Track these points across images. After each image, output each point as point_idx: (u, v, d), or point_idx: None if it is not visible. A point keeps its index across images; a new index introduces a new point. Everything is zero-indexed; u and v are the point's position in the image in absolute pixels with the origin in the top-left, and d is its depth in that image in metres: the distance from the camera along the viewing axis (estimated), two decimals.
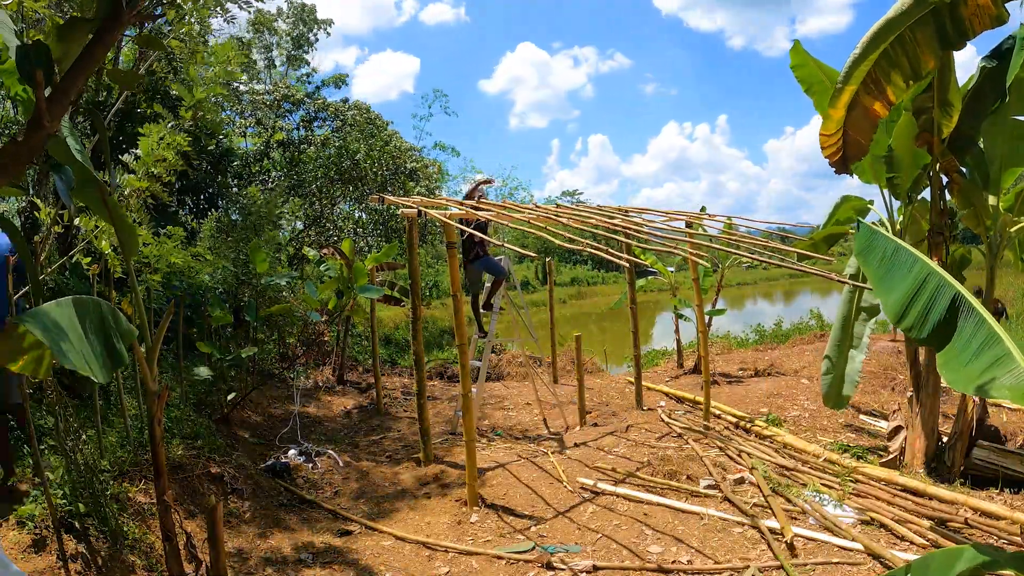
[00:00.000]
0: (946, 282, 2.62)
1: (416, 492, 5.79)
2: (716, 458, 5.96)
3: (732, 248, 6.02)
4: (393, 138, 15.86)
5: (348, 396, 9.61)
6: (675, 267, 11.70)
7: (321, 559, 4.54)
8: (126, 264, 3.10)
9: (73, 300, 2.40)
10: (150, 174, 4.17)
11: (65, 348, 2.11)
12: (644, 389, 8.44)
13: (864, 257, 3.01)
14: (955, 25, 4.23)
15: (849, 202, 6.41)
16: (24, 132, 2.12)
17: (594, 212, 6.65)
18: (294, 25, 18.36)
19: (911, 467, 5.44)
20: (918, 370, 5.58)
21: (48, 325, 2.12)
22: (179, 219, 9.74)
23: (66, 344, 2.13)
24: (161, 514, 3.13)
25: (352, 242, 8.79)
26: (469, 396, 5.30)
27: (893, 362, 9.44)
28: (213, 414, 6.40)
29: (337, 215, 14.59)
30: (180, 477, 4.85)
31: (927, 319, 2.64)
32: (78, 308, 2.37)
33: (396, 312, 18.42)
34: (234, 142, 14.24)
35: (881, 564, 3.91)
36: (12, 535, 3.44)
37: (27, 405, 3.33)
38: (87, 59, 2.19)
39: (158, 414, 3.05)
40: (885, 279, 2.84)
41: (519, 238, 36.96)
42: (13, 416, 4.38)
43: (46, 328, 2.09)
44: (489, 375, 10.76)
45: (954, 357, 2.46)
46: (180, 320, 6.16)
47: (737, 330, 15.37)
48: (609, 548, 4.43)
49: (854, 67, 4.59)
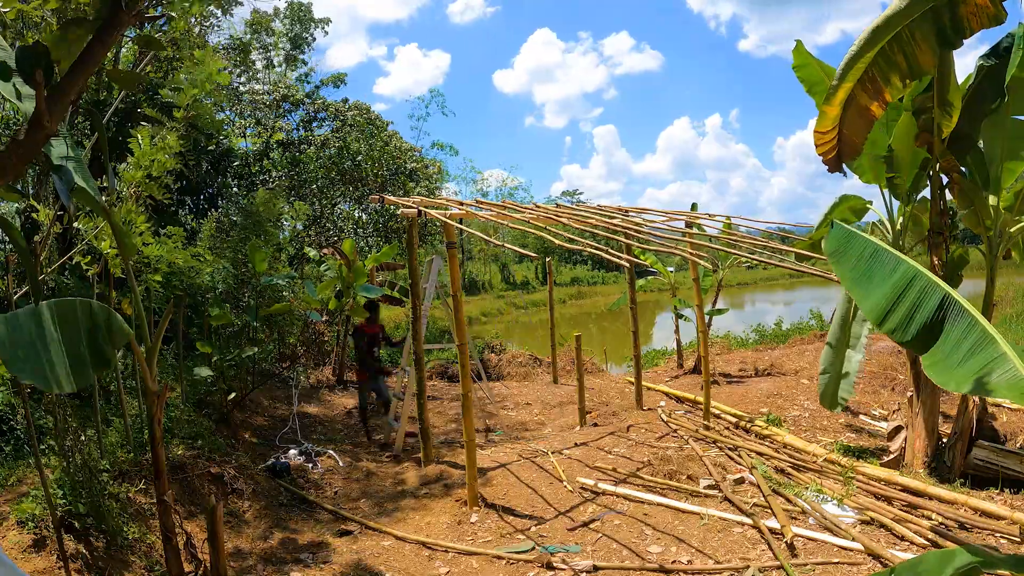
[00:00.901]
0: (934, 284, 2.60)
1: (416, 492, 5.79)
2: (716, 458, 5.96)
3: (732, 248, 6.02)
4: (393, 138, 15.87)
5: (348, 396, 9.61)
6: (675, 267, 11.70)
7: (321, 559, 4.54)
8: (125, 264, 3.10)
9: (55, 304, 2.34)
10: (146, 176, 4.17)
11: (23, 359, 2.03)
12: (644, 389, 8.44)
13: (839, 258, 2.97)
14: (954, 24, 4.22)
15: (847, 202, 6.40)
16: (24, 132, 2.12)
17: (594, 212, 6.65)
18: (291, 25, 18.36)
19: (911, 467, 5.44)
20: (918, 370, 5.58)
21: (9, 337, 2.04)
22: (179, 219, 9.74)
23: (25, 354, 2.04)
24: (161, 514, 3.13)
25: (353, 242, 8.79)
26: (469, 396, 5.30)
27: (893, 362, 9.43)
28: (213, 414, 6.40)
29: (337, 215, 14.59)
30: (180, 477, 4.85)
31: (912, 321, 2.61)
32: (60, 313, 2.31)
33: (396, 312, 18.42)
34: (234, 142, 14.24)
35: (881, 564, 3.91)
36: (12, 535, 3.44)
37: (27, 405, 3.33)
38: (87, 59, 2.19)
39: (158, 414, 3.05)
40: (862, 281, 2.80)
41: (519, 238, 36.94)
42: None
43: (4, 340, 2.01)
44: (489, 375, 10.76)
45: (942, 359, 2.43)
46: (180, 320, 6.16)
47: (737, 330, 15.37)
48: (609, 548, 4.43)
49: (851, 64, 4.58)
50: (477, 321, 26.78)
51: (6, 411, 4.56)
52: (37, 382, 2.09)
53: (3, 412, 4.54)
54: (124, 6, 2.19)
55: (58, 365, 2.20)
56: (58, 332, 2.24)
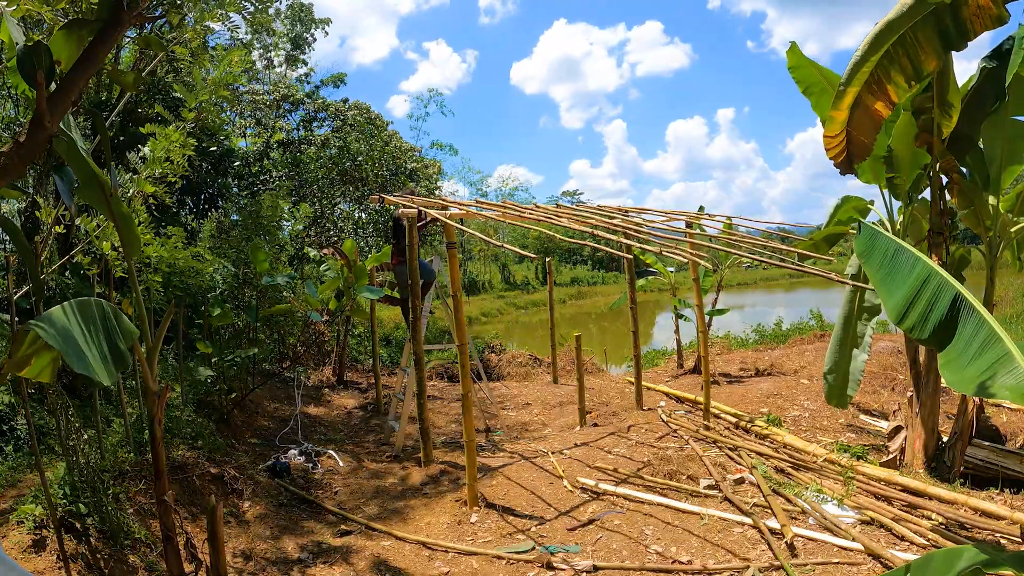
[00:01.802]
0: (946, 282, 2.62)
1: (416, 492, 5.79)
2: (716, 458, 5.96)
3: (732, 248, 6.02)
4: (393, 138, 15.88)
5: (349, 396, 9.61)
6: (675, 267, 11.70)
7: (321, 559, 4.54)
8: (127, 264, 3.10)
9: (78, 303, 2.41)
10: (155, 177, 4.19)
11: (75, 353, 2.13)
12: (644, 389, 8.44)
13: (867, 258, 3.02)
14: (956, 26, 4.23)
15: (850, 202, 6.41)
16: (26, 132, 2.13)
17: (594, 212, 6.65)
18: (291, 26, 18.37)
19: (911, 467, 5.45)
20: (918, 370, 5.58)
21: (58, 331, 2.13)
22: (179, 219, 9.74)
23: (74, 349, 2.14)
24: (161, 514, 3.13)
25: (353, 242, 8.78)
26: (469, 396, 5.30)
27: (893, 362, 9.44)
28: (213, 414, 6.40)
29: (338, 215, 14.59)
30: (180, 477, 4.85)
31: (928, 319, 2.64)
32: (82, 311, 2.38)
33: (396, 312, 18.42)
34: (234, 142, 14.24)
35: (881, 564, 3.91)
36: (12, 535, 3.44)
37: (28, 405, 3.33)
38: (88, 60, 2.20)
39: (158, 414, 3.05)
40: (887, 280, 2.84)
41: (519, 238, 36.98)
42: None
43: (57, 334, 2.10)
44: (489, 375, 10.76)
45: (955, 358, 2.46)
46: (180, 320, 6.16)
47: (737, 330, 15.37)
48: (609, 548, 4.44)
49: (856, 68, 4.60)
50: (477, 321, 26.78)
51: (6, 411, 4.56)
52: (89, 372, 2.17)
53: (3, 412, 4.55)
54: (125, 6, 2.19)
55: (99, 359, 2.30)
56: (84, 330, 2.30)
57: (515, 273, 42.95)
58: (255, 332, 7.09)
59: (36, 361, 2.20)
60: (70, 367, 2.11)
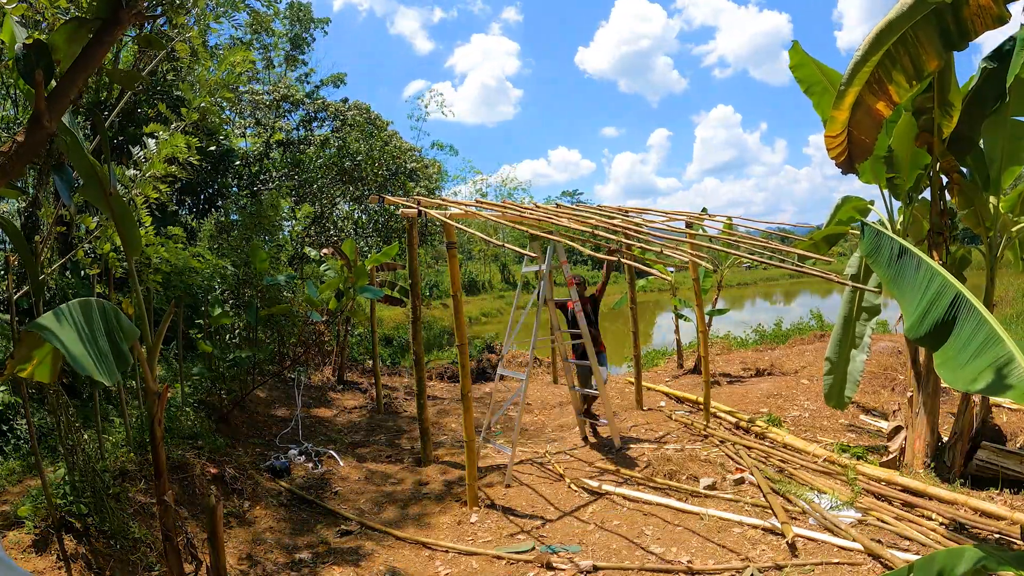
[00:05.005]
0: (947, 282, 2.62)
1: (417, 492, 5.79)
2: (716, 458, 5.96)
3: (732, 248, 6.01)
4: (393, 138, 15.87)
5: (349, 396, 9.60)
6: (675, 267, 11.68)
7: (321, 559, 4.54)
8: (128, 263, 3.10)
9: (78, 303, 2.40)
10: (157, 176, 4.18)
11: (78, 354, 2.12)
12: (644, 389, 8.43)
13: (873, 259, 3.01)
14: (957, 25, 4.22)
15: (850, 202, 6.40)
16: (24, 131, 2.12)
17: (594, 212, 6.64)
18: (291, 25, 18.35)
19: (911, 467, 5.44)
20: (918, 370, 5.58)
21: (59, 331, 2.12)
22: (179, 219, 9.74)
23: (77, 350, 2.14)
24: (161, 514, 3.12)
25: (353, 242, 8.78)
26: (469, 396, 5.30)
27: (893, 362, 9.43)
28: (214, 414, 6.40)
29: (337, 215, 14.59)
30: (181, 477, 4.85)
31: (925, 319, 2.64)
32: (84, 312, 2.37)
33: (396, 312, 18.43)
34: (234, 142, 14.24)
35: (881, 564, 3.91)
36: (12, 535, 3.44)
37: (28, 405, 3.32)
38: (87, 58, 2.19)
39: (158, 414, 3.04)
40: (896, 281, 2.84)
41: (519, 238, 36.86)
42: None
43: (57, 334, 2.09)
44: (489, 375, 10.75)
45: (952, 357, 2.45)
46: (180, 320, 6.16)
47: (737, 330, 15.37)
48: (609, 548, 4.43)
49: (857, 68, 4.59)
50: (477, 321, 26.77)
51: (6, 411, 4.56)
52: (90, 372, 2.16)
53: (3, 412, 4.54)
54: (124, 5, 2.19)
55: (100, 359, 2.29)
56: (84, 330, 2.30)
57: (515, 273, 42.92)
58: (255, 332, 7.08)
59: (36, 361, 2.20)
60: (70, 367, 2.10)
